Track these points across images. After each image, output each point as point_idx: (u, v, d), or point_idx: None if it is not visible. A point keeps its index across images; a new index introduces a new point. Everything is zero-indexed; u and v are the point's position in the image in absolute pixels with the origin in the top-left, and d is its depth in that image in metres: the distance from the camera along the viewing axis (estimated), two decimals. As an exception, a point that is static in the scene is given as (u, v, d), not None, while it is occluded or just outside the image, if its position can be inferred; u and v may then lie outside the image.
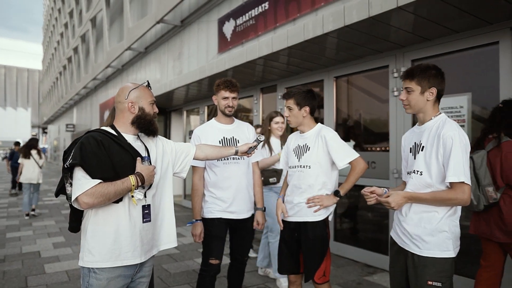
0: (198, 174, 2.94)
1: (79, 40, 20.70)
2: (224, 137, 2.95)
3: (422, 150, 2.11)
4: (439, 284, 2.01)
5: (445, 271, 2.03)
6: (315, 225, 2.65)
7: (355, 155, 2.61)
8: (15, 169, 12.06)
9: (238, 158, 2.95)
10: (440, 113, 2.16)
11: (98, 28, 17.93)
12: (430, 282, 2.02)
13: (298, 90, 2.71)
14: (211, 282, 2.93)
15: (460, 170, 1.93)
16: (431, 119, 2.14)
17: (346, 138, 5.31)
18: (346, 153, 2.60)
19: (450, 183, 1.97)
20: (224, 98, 2.93)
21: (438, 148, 2.01)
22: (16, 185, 12.83)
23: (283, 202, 2.82)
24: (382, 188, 2.23)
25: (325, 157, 2.64)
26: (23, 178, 8.30)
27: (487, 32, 3.61)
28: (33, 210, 8.49)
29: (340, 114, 5.45)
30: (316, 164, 2.65)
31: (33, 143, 8.65)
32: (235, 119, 3.12)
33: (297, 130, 2.88)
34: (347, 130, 5.42)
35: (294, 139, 2.87)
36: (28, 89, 75.25)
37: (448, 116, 3.95)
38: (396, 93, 4.43)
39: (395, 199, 2.06)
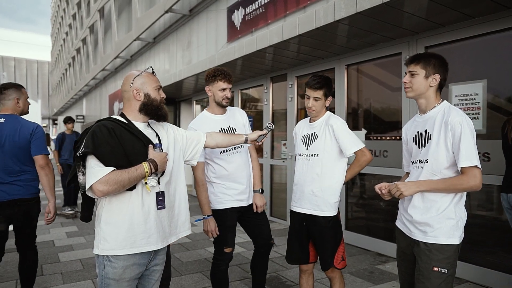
0: (201, 168, 2.82)
1: (88, 31, 20.71)
2: (221, 128, 2.89)
3: (430, 139, 2.08)
4: (444, 271, 2.00)
5: (450, 257, 2.02)
6: (327, 219, 2.63)
7: (360, 145, 2.60)
8: (68, 168, 7.56)
9: (240, 147, 2.91)
10: (443, 101, 2.14)
11: (106, 19, 17.91)
12: (436, 269, 2.00)
13: (327, 81, 2.67)
14: (226, 270, 2.97)
15: (472, 155, 1.93)
16: (435, 107, 2.12)
17: (357, 127, 5.27)
18: (353, 142, 2.60)
19: (462, 168, 1.95)
20: (222, 90, 2.84)
21: (447, 135, 1.99)
22: (73, 197, 7.59)
23: None
24: (392, 183, 2.14)
25: (333, 146, 2.63)
26: None
27: (504, 17, 3.52)
28: None
29: (351, 102, 5.40)
30: (324, 153, 2.64)
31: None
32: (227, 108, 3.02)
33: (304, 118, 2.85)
34: (358, 118, 5.37)
35: (302, 127, 2.85)
36: (38, 81, 75.57)
37: (464, 104, 3.86)
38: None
39: (406, 184, 2.01)
